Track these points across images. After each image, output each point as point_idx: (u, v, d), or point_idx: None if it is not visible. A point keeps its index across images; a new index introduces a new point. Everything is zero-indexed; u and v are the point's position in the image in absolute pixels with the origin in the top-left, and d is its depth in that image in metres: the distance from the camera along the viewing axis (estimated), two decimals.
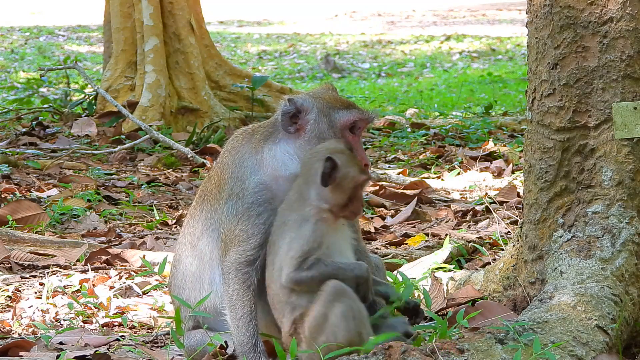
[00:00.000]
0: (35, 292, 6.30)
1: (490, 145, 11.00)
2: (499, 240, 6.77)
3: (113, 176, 10.03)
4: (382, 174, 9.58)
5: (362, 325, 4.49)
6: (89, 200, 8.73)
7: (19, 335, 5.56)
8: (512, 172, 9.89)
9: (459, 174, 9.91)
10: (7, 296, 6.20)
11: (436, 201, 8.85)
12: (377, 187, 9.19)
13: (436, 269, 6.04)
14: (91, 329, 5.64)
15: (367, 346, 4.41)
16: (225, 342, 4.88)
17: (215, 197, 4.94)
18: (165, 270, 5.61)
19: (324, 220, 4.61)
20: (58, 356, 4.83)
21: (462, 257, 6.48)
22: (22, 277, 6.65)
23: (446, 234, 7.05)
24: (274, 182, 4.83)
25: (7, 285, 6.38)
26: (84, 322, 5.81)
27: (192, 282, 5.00)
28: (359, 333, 4.47)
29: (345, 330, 4.45)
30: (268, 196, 4.82)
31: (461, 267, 6.31)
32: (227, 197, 4.86)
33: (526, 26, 5.26)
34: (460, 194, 9.25)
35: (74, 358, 4.81)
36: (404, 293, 4.81)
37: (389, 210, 8.62)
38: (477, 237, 6.97)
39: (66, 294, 6.19)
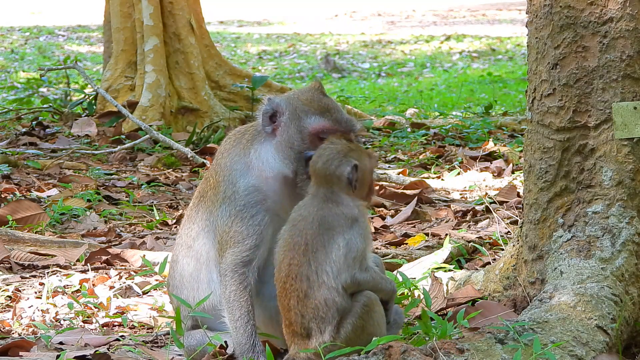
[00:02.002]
0: (35, 292, 6.30)
1: (490, 145, 11.00)
2: (499, 240, 6.76)
3: (113, 176, 10.03)
4: (382, 174, 9.58)
5: (384, 326, 4.67)
6: (89, 200, 8.73)
7: (19, 335, 5.56)
8: (512, 172, 9.89)
9: (459, 174, 9.91)
10: (7, 296, 6.20)
11: (436, 201, 8.85)
12: (377, 187, 9.19)
13: (436, 269, 6.03)
14: (91, 329, 5.64)
15: (370, 347, 4.42)
16: (225, 342, 4.88)
17: (211, 199, 4.95)
18: (165, 270, 5.60)
19: (366, 217, 4.69)
20: (58, 356, 4.83)
21: (462, 257, 6.48)
22: (22, 277, 6.65)
23: (446, 234, 7.05)
24: (263, 183, 4.83)
25: (7, 285, 6.38)
26: (84, 322, 5.81)
27: (190, 282, 5.01)
28: (384, 334, 4.65)
29: (379, 334, 4.58)
30: (259, 198, 4.82)
31: (461, 267, 6.30)
32: (221, 200, 4.88)
33: (526, 26, 5.26)
34: (460, 194, 9.25)
35: (74, 358, 4.81)
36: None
37: (389, 210, 8.62)
38: (477, 237, 6.97)
39: (66, 294, 6.19)
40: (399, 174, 9.78)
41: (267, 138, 4.86)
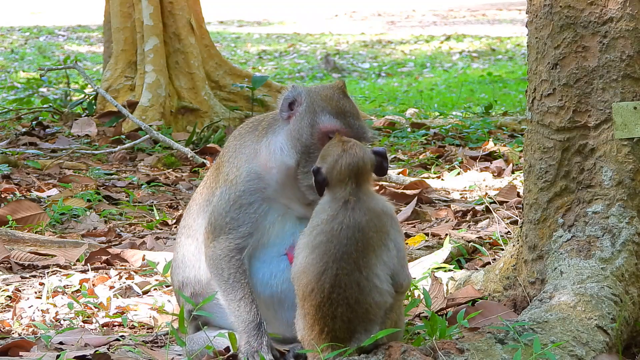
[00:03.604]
0: (35, 292, 6.30)
1: (490, 145, 11.00)
2: (499, 240, 6.76)
3: (113, 176, 10.03)
4: None
5: None
6: (89, 200, 8.73)
7: (19, 335, 5.55)
8: (512, 172, 9.89)
9: (459, 174, 9.91)
10: (7, 296, 6.20)
11: (436, 201, 8.85)
12: (377, 187, 9.19)
13: (436, 269, 6.04)
14: (91, 329, 5.64)
15: (367, 343, 4.41)
16: (227, 347, 4.87)
17: (213, 179, 5.01)
18: (168, 271, 5.60)
19: None
20: (58, 356, 4.83)
21: (462, 257, 6.47)
22: (22, 277, 6.65)
23: (446, 234, 7.04)
24: (267, 172, 4.85)
25: (7, 285, 6.38)
26: (84, 322, 5.81)
27: (192, 260, 5.05)
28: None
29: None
30: (260, 185, 4.84)
31: (461, 267, 6.30)
32: (222, 182, 4.91)
33: (526, 26, 5.26)
34: (460, 194, 9.24)
35: (74, 358, 4.81)
36: None
37: None
38: (477, 237, 6.96)
39: (66, 294, 6.19)
40: (399, 174, 9.78)
41: (281, 126, 4.88)
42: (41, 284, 6.42)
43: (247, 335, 4.75)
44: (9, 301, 6.15)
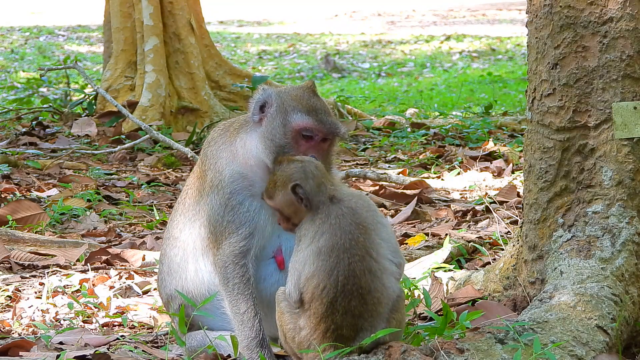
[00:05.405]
0: (35, 292, 6.30)
1: (490, 145, 11.00)
2: (499, 240, 6.76)
3: (113, 176, 10.04)
4: (382, 174, 9.58)
5: None
6: (89, 200, 8.73)
7: (19, 335, 5.56)
8: (512, 172, 9.89)
9: (459, 174, 9.91)
10: (7, 296, 6.20)
11: (436, 201, 8.84)
12: (377, 187, 9.19)
13: (436, 269, 6.03)
14: (91, 329, 5.64)
15: (367, 341, 4.41)
16: (229, 355, 4.87)
17: (198, 188, 4.99)
18: None
19: None
20: (58, 356, 4.83)
21: (462, 257, 6.47)
22: (22, 277, 6.65)
23: (446, 234, 7.04)
24: (248, 170, 4.88)
25: (7, 285, 6.38)
26: (84, 322, 5.81)
27: (177, 272, 5.04)
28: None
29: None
30: (245, 184, 4.86)
31: (461, 267, 6.30)
32: (209, 189, 4.92)
33: (526, 26, 5.26)
34: (460, 194, 9.24)
35: (74, 358, 4.81)
36: None
37: (389, 210, 8.62)
38: (477, 237, 6.96)
39: (66, 294, 6.19)
40: (399, 174, 9.78)
41: (253, 127, 4.92)
42: (41, 284, 6.42)
43: (249, 352, 4.75)
44: (9, 301, 6.15)
